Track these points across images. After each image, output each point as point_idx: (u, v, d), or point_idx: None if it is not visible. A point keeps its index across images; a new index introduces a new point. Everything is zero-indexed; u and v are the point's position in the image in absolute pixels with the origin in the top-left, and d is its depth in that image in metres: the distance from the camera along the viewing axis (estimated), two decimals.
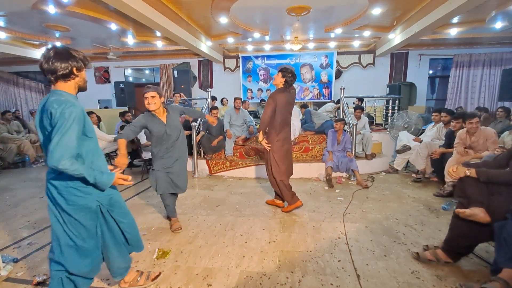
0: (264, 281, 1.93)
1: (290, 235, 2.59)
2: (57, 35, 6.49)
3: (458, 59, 7.69)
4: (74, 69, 1.42)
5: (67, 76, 1.40)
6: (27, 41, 6.91)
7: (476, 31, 6.21)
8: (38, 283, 1.91)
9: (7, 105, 9.82)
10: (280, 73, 2.87)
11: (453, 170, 2.01)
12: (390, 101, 6.22)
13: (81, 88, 1.52)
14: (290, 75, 2.84)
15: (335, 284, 1.90)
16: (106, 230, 1.63)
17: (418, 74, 8.14)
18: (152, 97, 2.39)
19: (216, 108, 5.05)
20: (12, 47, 7.00)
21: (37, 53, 7.68)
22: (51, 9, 4.64)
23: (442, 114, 4.31)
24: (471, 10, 4.44)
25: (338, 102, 6.41)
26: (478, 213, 1.80)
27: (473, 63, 7.61)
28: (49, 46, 1.44)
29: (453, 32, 6.14)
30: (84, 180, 1.42)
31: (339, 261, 2.17)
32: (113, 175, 1.51)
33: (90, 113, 5.77)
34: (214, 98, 7.56)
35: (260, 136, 2.98)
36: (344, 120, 4.59)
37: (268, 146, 2.99)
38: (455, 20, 5.52)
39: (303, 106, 6.54)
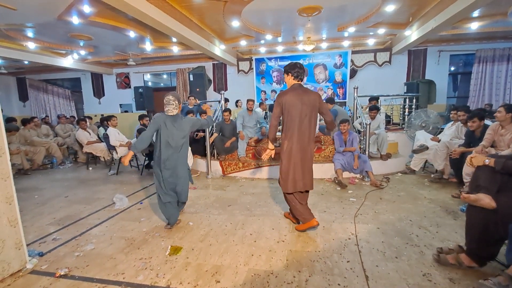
0: (271, 279, 1.96)
1: (299, 235, 2.60)
2: (81, 44, 6.90)
3: (481, 54, 7.32)
4: None
5: None
6: (54, 50, 7.40)
7: (499, 24, 5.89)
8: (61, 276, 2.06)
9: (38, 110, 10.53)
10: (284, 73, 2.65)
11: (471, 157, 1.96)
12: (407, 100, 6.05)
13: None
14: (295, 69, 2.55)
15: (343, 284, 1.89)
16: None
17: (438, 71, 7.83)
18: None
19: (228, 110, 5.14)
20: (41, 56, 7.51)
21: (64, 62, 8.19)
22: (75, 19, 4.96)
23: (459, 113, 4.14)
24: (492, 2, 4.23)
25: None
26: (483, 198, 1.74)
27: (497, 58, 7.21)
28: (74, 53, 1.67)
29: (474, 26, 5.86)
30: None
31: (348, 261, 2.15)
32: None
33: (111, 116, 6.05)
34: (226, 100, 7.68)
35: (270, 145, 2.71)
36: (349, 121, 4.43)
37: (270, 154, 2.74)
38: (475, 13, 5.27)
39: (328, 100, 5.52)
